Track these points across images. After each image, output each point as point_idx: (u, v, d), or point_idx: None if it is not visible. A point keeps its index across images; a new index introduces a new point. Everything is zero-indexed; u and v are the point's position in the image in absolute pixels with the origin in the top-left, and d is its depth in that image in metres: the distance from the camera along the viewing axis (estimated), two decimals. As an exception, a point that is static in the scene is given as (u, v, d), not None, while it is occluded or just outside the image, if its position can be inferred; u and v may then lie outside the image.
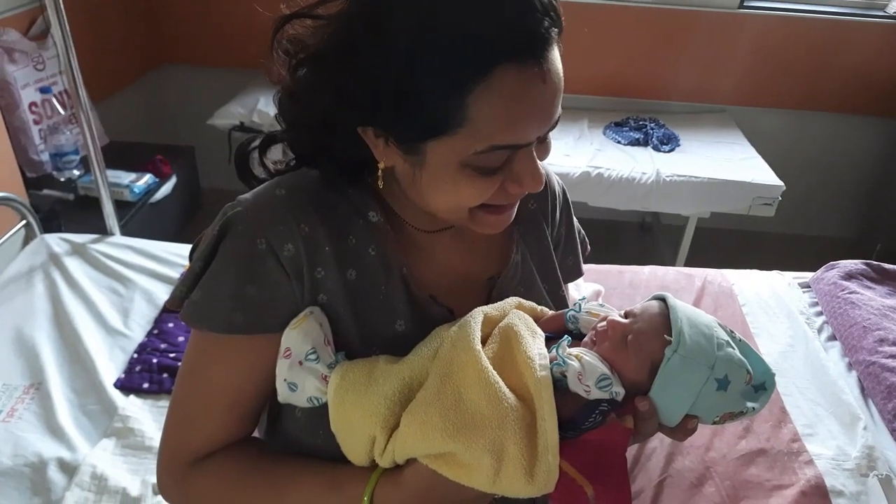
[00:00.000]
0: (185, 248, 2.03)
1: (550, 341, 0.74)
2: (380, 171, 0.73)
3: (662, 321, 0.73)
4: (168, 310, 1.76)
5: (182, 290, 0.75)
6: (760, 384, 0.75)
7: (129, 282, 1.84)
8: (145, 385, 1.54)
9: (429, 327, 0.76)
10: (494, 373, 0.68)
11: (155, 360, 1.59)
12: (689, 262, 2.89)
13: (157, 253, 1.98)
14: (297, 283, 0.72)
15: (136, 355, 1.61)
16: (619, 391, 0.69)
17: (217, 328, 0.72)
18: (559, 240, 0.95)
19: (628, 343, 0.71)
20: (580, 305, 0.79)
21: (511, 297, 0.81)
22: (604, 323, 0.74)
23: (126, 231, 2.19)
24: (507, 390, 0.67)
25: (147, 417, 1.46)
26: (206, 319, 0.72)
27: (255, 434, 0.83)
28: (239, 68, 3.03)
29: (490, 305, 0.78)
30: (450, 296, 0.81)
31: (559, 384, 0.69)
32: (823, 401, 1.56)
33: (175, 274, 1.90)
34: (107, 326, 1.69)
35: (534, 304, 0.82)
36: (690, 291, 1.86)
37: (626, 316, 0.75)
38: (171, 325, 1.72)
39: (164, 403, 1.50)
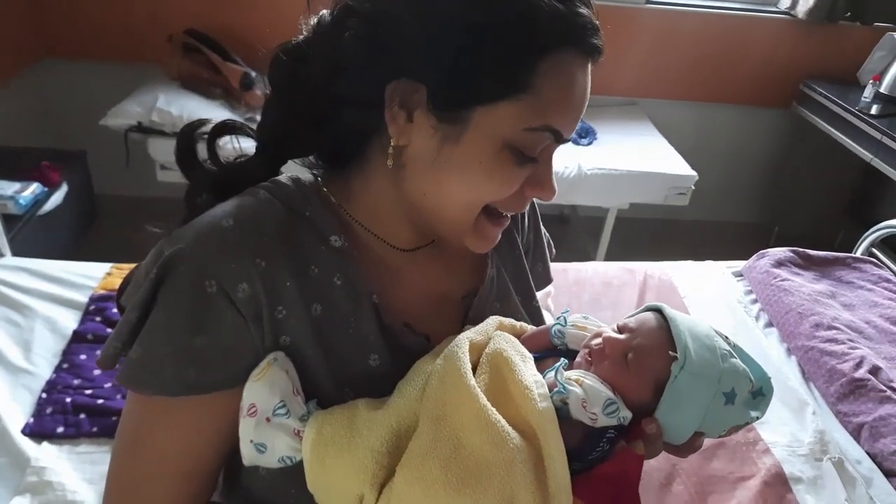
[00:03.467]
0: (89, 267, 1.82)
1: (538, 362, 0.69)
2: (390, 150, 0.65)
3: (663, 335, 0.69)
4: (79, 339, 1.56)
5: (116, 346, 0.64)
6: (758, 390, 0.73)
7: (28, 309, 1.62)
8: (60, 429, 1.35)
9: (405, 359, 0.69)
10: (494, 410, 0.62)
11: (69, 399, 1.40)
12: (611, 253, 2.96)
13: (56, 274, 1.75)
14: (255, 326, 0.63)
15: (44, 395, 1.42)
16: (626, 416, 0.65)
17: (164, 390, 0.61)
18: (528, 246, 0.91)
19: (629, 362, 0.67)
20: (565, 319, 0.74)
21: (491, 317, 0.75)
22: (598, 340, 0.70)
23: (12, 249, 1.93)
24: (510, 429, 0.61)
25: (66, 467, 1.28)
26: (151, 381, 0.61)
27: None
28: (134, 63, 2.78)
29: (472, 330, 0.71)
30: (424, 321, 0.74)
31: (560, 412, 0.63)
32: (771, 388, 1.60)
33: (81, 297, 1.69)
34: (5, 363, 1.48)
35: (513, 321, 0.76)
36: (633, 286, 1.87)
37: (620, 331, 0.71)
38: (83, 356, 1.52)
39: (85, 449, 1.33)
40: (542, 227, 0.93)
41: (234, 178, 0.71)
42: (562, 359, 0.69)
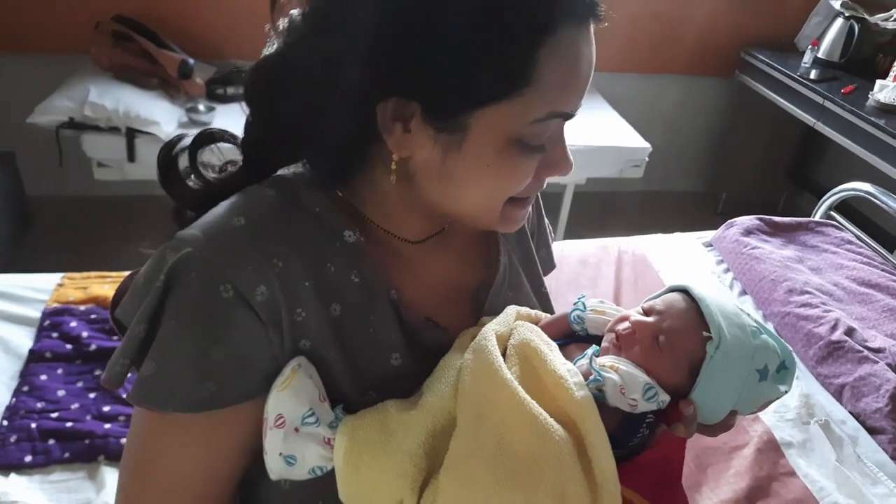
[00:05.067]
0: (37, 279, 1.68)
1: (560, 350, 0.68)
2: (393, 165, 0.62)
3: (694, 316, 0.68)
4: (37, 358, 1.44)
5: (124, 364, 0.60)
6: (781, 363, 0.74)
7: (-26, 330, 1.48)
8: (28, 458, 1.25)
9: (427, 356, 0.66)
10: (535, 403, 0.60)
11: (34, 425, 1.30)
12: (570, 229, 2.97)
13: (1, 289, 1.61)
14: (274, 331, 0.59)
15: (6, 422, 1.30)
16: (665, 399, 0.64)
17: (183, 407, 0.57)
18: (533, 231, 0.89)
19: (661, 344, 0.67)
20: (584, 304, 0.73)
21: (509, 307, 0.73)
22: (626, 324, 0.69)
23: (-56, 264, 1.78)
24: (552, 421, 0.60)
25: (41, 499, 1.18)
26: (168, 399, 0.57)
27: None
28: (60, 54, 2.58)
29: (494, 321, 0.69)
30: (441, 314, 0.71)
31: (595, 399, 0.62)
32: (752, 356, 1.63)
33: (33, 313, 1.56)
34: (-44, 391, 1.35)
35: (529, 310, 0.75)
36: (609, 263, 1.87)
37: (647, 313, 0.70)
38: (43, 377, 1.40)
39: (59, 477, 1.24)
40: (543, 212, 0.91)
41: (224, 193, 0.67)
42: (593, 345, 0.68)
